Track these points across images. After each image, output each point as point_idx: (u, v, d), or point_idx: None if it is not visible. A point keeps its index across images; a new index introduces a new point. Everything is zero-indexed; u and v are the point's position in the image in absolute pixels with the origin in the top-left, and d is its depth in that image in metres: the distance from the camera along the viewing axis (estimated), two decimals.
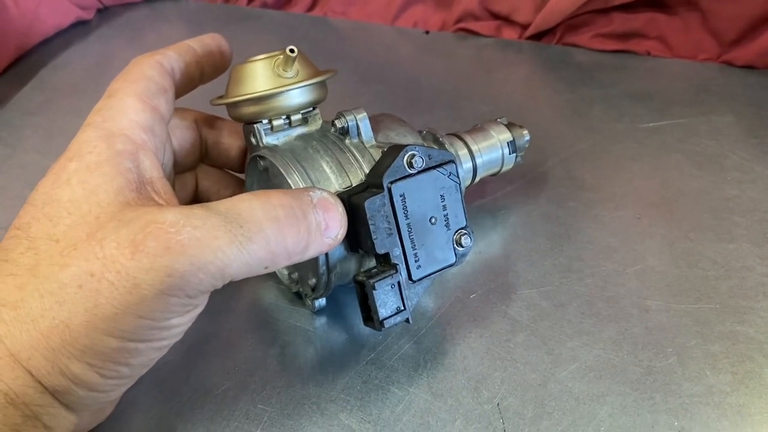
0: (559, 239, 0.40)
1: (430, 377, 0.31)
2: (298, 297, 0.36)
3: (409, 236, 0.29)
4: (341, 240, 0.28)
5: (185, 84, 0.32)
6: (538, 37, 0.64)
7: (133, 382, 0.26)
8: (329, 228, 0.27)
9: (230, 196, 0.36)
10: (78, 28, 0.66)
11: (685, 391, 0.31)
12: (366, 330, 0.34)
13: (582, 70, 0.59)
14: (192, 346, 0.33)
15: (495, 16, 0.65)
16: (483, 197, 0.43)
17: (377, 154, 0.31)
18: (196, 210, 0.24)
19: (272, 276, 0.37)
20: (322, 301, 0.34)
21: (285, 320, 0.35)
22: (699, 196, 0.43)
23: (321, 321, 0.34)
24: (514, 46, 0.64)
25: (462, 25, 0.65)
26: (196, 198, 0.36)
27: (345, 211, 0.28)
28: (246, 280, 0.36)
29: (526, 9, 0.63)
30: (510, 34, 0.65)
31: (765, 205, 0.42)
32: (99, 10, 0.69)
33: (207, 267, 0.23)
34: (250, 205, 0.25)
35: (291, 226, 0.25)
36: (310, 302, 0.34)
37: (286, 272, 0.35)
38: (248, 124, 0.32)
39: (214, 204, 0.25)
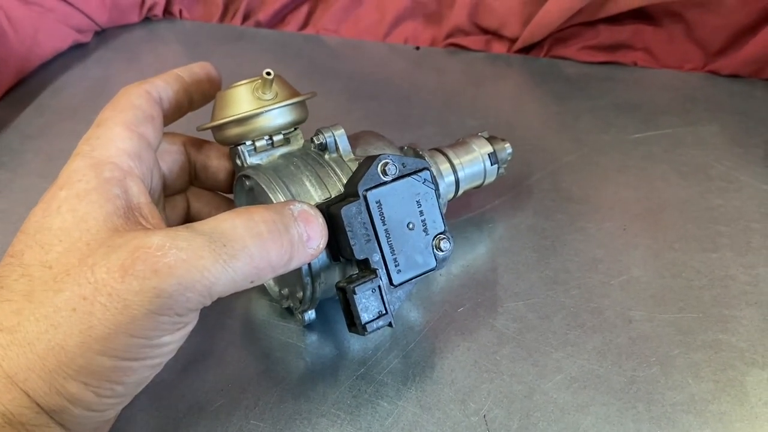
0: (545, 252, 0.40)
1: (418, 390, 0.32)
2: (289, 312, 0.37)
3: (388, 242, 0.30)
4: (323, 249, 0.29)
5: (174, 111, 0.33)
6: (526, 50, 0.65)
7: (128, 401, 0.27)
8: (311, 239, 0.28)
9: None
10: (76, 51, 0.67)
11: (668, 399, 0.31)
12: (355, 345, 0.35)
13: (570, 82, 0.60)
14: (186, 364, 0.34)
15: (484, 30, 0.66)
16: (470, 210, 0.44)
17: (355, 167, 0.32)
18: (181, 232, 0.25)
19: (264, 293, 0.38)
20: (311, 314, 0.35)
21: (277, 337, 0.36)
22: (684, 206, 0.44)
23: (311, 337, 0.35)
24: (503, 59, 0.65)
25: (452, 40, 0.66)
26: (188, 219, 0.37)
27: (325, 222, 0.29)
28: (238, 298, 0.37)
29: (514, 23, 0.64)
30: (499, 48, 0.66)
31: (749, 214, 0.43)
32: (96, 33, 0.70)
33: (194, 286, 0.24)
34: (233, 223, 0.26)
35: (274, 240, 0.26)
36: (299, 316, 0.35)
37: (276, 289, 0.36)
38: (233, 146, 0.33)
39: (198, 224, 0.26)
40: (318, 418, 0.31)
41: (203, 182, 0.37)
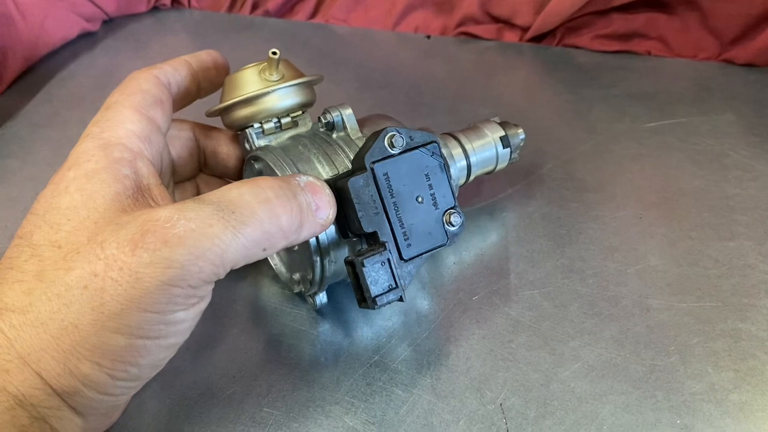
0: (560, 240, 0.40)
1: (433, 379, 0.32)
2: (300, 297, 0.36)
3: (397, 215, 0.30)
4: (332, 220, 0.28)
5: (182, 97, 0.33)
6: (538, 39, 0.64)
7: (141, 385, 0.26)
8: (320, 208, 0.28)
9: None
10: (84, 40, 0.67)
11: (687, 389, 0.31)
12: (369, 333, 0.34)
13: (582, 71, 0.60)
14: (198, 351, 0.33)
15: (495, 19, 0.65)
16: (483, 199, 0.43)
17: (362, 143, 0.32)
18: (189, 203, 0.25)
19: (275, 279, 0.37)
20: (322, 297, 0.34)
21: (289, 324, 0.35)
22: (700, 195, 0.43)
23: (324, 325, 0.35)
24: (514, 48, 0.64)
25: (463, 29, 0.66)
26: None
27: (332, 193, 0.29)
28: (250, 284, 0.37)
29: (526, 12, 0.63)
30: (511, 36, 0.65)
31: (766, 202, 0.42)
32: (104, 22, 0.70)
33: (205, 255, 0.24)
34: (240, 191, 0.25)
35: (283, 205, 0.26)
36: (311, 299, 0.34)
37: (288, 274, 0.36)
38: (242, 130, 0.33)
39: (205, 195, 0.25)
40: (332, 406, 0.31)
41: (213, 169, 0.36)
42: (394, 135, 0.30)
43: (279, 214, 0.26)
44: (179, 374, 0.32)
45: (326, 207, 0.28)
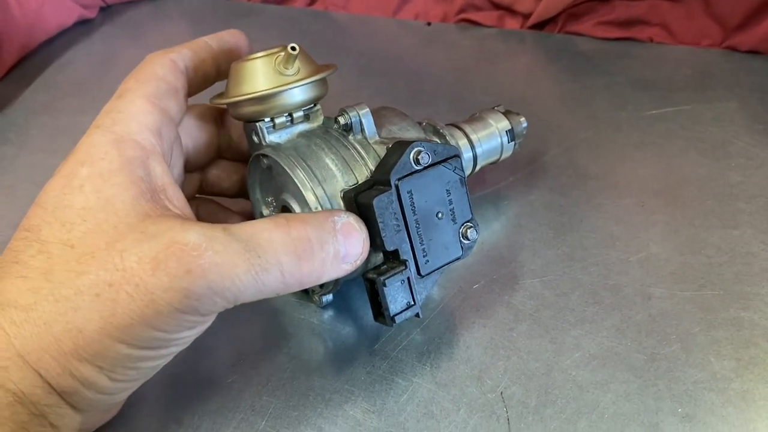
0: (562, 228, 0.40)
1: (433, 367, 0.32)
2: (305, 292, 0.36)
3: (417, 232, 0.29)
4: (360, 264, 0.28)
5: (201, 81, 0.32)
6: (540, 26, 0.64)
7: (140, 384, 0.27)
8: (348, 255, 0.27)
9: (237, 182, 0.36)
10: (81, 27, 0.66)
11: (689, 377, 0.31)
12: (369, 321, 0.34)
13: (584, 59, 0.59)
14: (198, 339, 0.33)
15: (497, 6, 0.65)
16: (485, 187, 0.43)
17: (381, 150, 0.31)
18: (218, 233, 0.24)
19: None
20: (329, 297, 0.34)
21: (289, 313, 0.35)
22: (703, 183, 0.43)
23: (325, 314, 0.35)
24: (516, 35, 0.64)
25: (464, 15, 0.65)
26: (202, 189, 0.36)
27: (368, 237, 0.28)
28: None
29: None
30: (512, 23, 0.64)
31: None
32: (102, 9, 0.69)
33: (223, 292, 0.24)
34: (271, 236, 0.25)
35: (308, 259, 0.26)
36: (317, 298, 0.34)
37: None
38: (249, 122, 0.32)
39: (235, 228, 0.25)
40: (331, 395, 0.31)
41: (224, 153, 0.36)
42: (420, 151, 0.29)
43: (302, 267, 0.26)
44: (178, 363, 0.32)
45: (356, 253, 0.28)
